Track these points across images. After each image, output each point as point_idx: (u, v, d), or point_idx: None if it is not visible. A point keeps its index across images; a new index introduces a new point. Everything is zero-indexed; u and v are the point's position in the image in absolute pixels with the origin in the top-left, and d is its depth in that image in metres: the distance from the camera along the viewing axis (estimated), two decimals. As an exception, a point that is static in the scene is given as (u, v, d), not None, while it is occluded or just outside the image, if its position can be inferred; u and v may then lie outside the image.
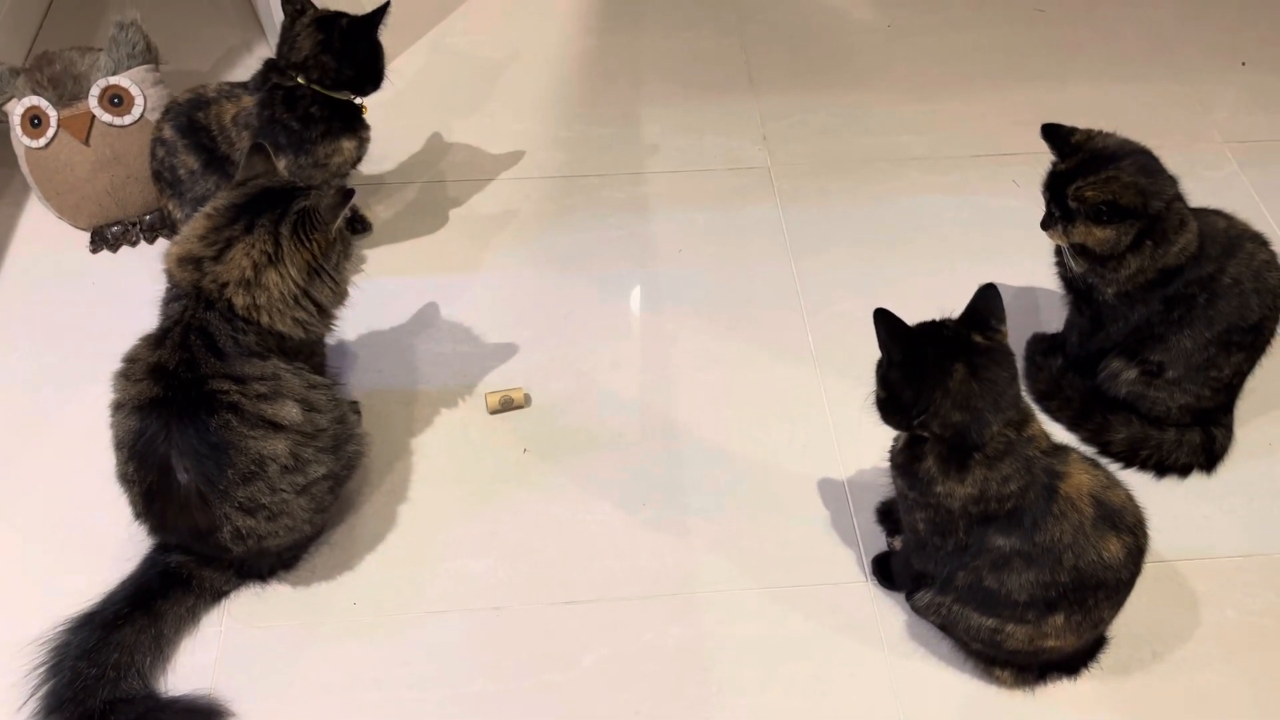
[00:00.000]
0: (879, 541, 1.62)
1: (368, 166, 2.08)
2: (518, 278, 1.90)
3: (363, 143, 1.89)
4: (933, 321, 1.29)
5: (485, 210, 2.09)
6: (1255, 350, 1.61)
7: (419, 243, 2.03)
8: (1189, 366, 1.58)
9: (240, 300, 1.43)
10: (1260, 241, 1.61)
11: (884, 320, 1.27)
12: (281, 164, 1.78)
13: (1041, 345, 1.78)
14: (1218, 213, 1.63)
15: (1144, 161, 1.53)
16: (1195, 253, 1.54)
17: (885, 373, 1.30)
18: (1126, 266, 1.54)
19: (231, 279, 1.43)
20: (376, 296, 1.87)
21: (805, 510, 1.66)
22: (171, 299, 1.48)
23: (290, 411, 1.44)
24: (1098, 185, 1.50)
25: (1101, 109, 2.31)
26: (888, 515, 1.63)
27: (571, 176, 2.15)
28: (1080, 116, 2.28)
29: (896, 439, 1.39)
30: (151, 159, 1.86)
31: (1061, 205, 1.54)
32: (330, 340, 1.61)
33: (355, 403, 1.74)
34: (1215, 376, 1.60)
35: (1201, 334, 1.56)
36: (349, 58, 1.78)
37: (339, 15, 1.81)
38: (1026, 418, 1.29)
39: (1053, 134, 1.55)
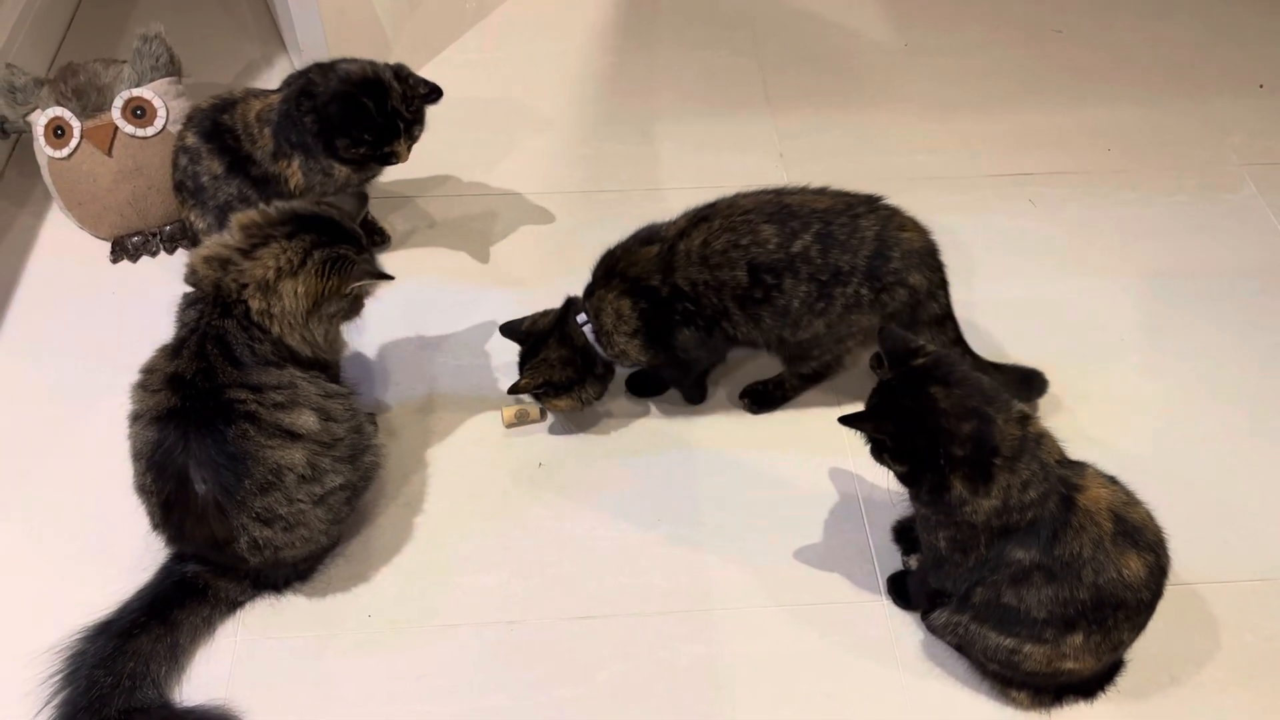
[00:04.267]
0: (894, 560, 1.61)
1: (386, 179, 2.09)
2: (535, 292, 1.90)
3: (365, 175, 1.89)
4: (882, 386, 1.33)
5: (502, 225, 2.09)
6: None
7: (437, 256, 2.04)
8: None
9: (256, 304, 1.44)
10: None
11: (861, 418, 1.32)
12: (295, 163, 1.79)
13: None
14: None
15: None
16: None
17: (894, 450, 1.32)
18: None
19: (254, 278, 1.44)
20: (394, 308, 1.87)
21: (821, 528, 1.65)
22: (187, 304, 1.49)
23: (307, 420, 1.44)
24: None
25: (1118, 131, 2.31)
26: (904, 534, 1.62)
27: (590, 192, 2.16)
28: (1097, 137, 2.30)
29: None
30: (174, 169, 1.87)
31: None
32: (346, 351, 1.63)
33: (372, 414, 1.74)
34: None
35: None
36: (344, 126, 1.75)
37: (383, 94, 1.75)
38: (1026, 415, 1.29)
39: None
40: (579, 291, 1.71)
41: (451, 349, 1.88)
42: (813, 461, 1.73)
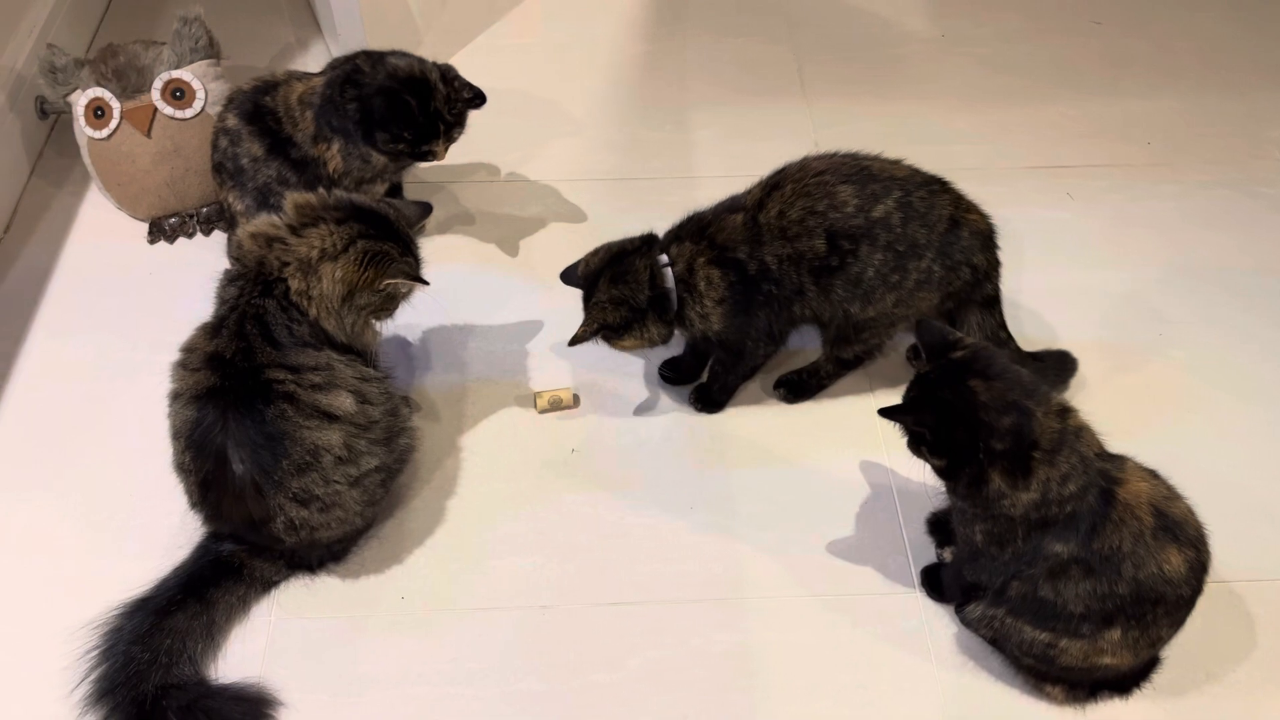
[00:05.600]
0: (928, 552, 1.60)
1: (433, 164, 2.10)
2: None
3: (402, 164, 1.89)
4: (921, 379, 1.33)
5: (534, 212, 2.09)
6: None
7: (472, 242, 2.04)
8: None
9: (295, 284, 1.45)
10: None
11: (900, 411, 1.32)
12: (334, 147, 1.80)
13: None
14: None
15: None
16: None
17: (932, 444, 1.31)
18: None
19: (298, 256, 1.45)
20: (429, 293, 1.86)
21: (854, 519, 1.64)
22: (228, 281, 1.49)
23: (345, 402, 1.45)
24: None
25: (1157, 123, 2.29)
26: (938, 526, 1.61)
27: (623, 179, 2.15)
28: (1136, 130, 2.27)
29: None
30: (214, 151, 1.88)
31: None
32: (378, 342, 1.62)
33: (407, 397, 1.74)
34: None
35: None
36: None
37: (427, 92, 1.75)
38: (1066, 408, 1.29)
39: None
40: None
41: (485, 335, 1.88)
42: (847, 452, 1.73)
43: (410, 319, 1.84)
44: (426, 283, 1.55)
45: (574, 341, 1.62)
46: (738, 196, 1.65)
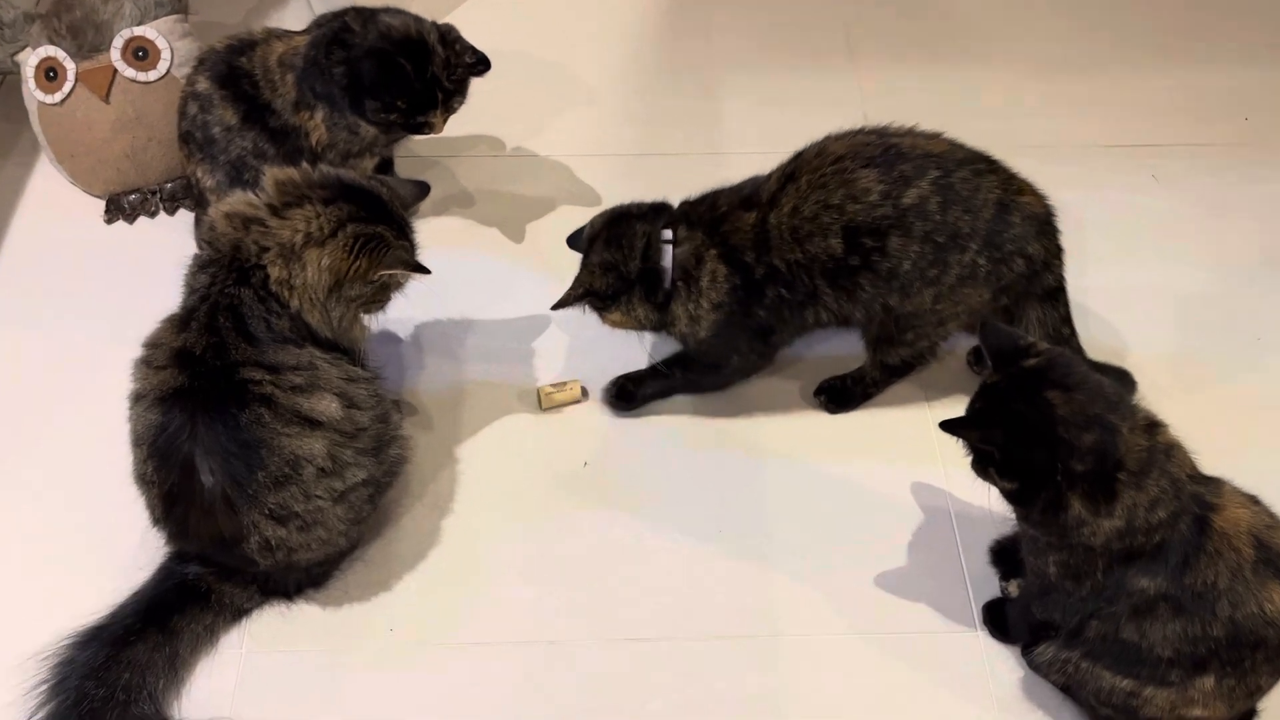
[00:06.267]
0: (991, 585, 1.59)
1: (429, 137, 2.08)
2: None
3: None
4: (988, 390, 1.32)
5: (545, 190, 2.09)
6: None
7: (471, 225, 2.04)
8: None
9: (276, 272, 1.45)
10: None
11: (966, 425, 1.32)
12: (318, 116, 1.80)
13: None
14: None
15: None
16: None
17: (1001, 464, 1.31)
18: None
19: (279, 240, 1.45)
20: (421, 284, 1.86)
21: (906, 546, 1.64)
22: (199, 268, 1.49)
23: (329, 406, 1.45)
24: None
25: (1256, 97, 2.26)
26: (1003, 556, 1.61)
27: (643, 155, 2.15)
28: (1232, 104, 2.25)
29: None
30: (181, 118, 1.88)
31: None
32: (366, 338, 1.62)
33: (398, 401, 1.75)
34: None
35: None
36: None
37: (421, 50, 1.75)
38: (1154, 421, 1.29)
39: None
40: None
41: (485, 331, 1.88)
42: (897, 469, 1.72)
43: (402, 312, 1.82)
44: (427, 271, 1.55)
45: (558, 305, 1.67)
46: (758, 182, 1.66)
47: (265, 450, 1.39)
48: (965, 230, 1.57)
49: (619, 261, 1.64)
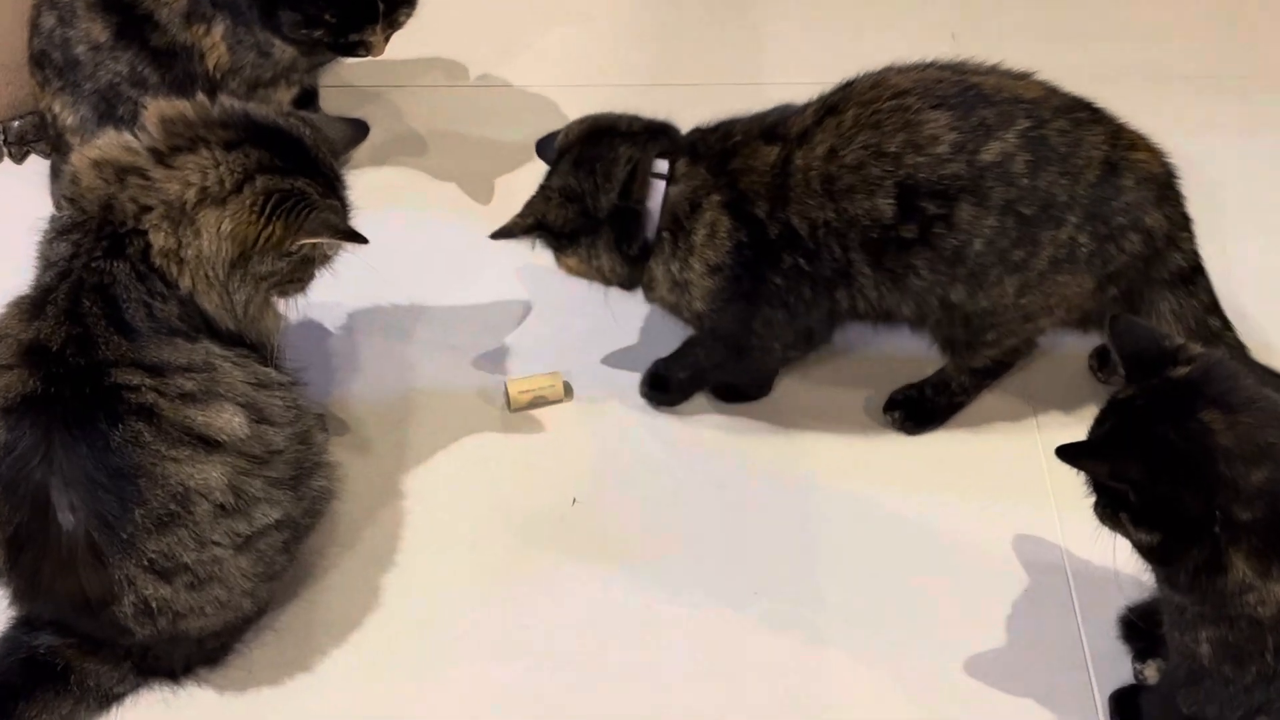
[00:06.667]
0: (1121, 667, 1.58)
1: (366, 61, 2.06)
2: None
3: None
4: (1121, 407, 1.32)
5: (521, 134, 2.05)
6: None
7: (423, 180, 2.05)
8: None
9: (161, 240, 1.44)
10: None
11: (1090, 454, 1.31)
12: (216, 32, 1.80)
13: None
14: None
15: None
16: None
17: (1138, 508, 1.29)
18: None
19: (165, 198, 1.44)
20: (357, 257, 1.84)
21: (1004, 615, 1.63)
22: (57, 234, 1.48)
23: (231, 422, 1.44)
24: None
25: None
26: (1137, 629, 1.59)
27: (652, 86, 2.16)
28: None
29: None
30: (33, 35, 1.87)
31: None
32: (279, 330, 1.62)
33: (323, 415, 1.75)
34: None
35: None
36: None
37: None
38: None
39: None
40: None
41: (441, 321, 1.89)
42: (994, 511, 1.71)
43: (330, 295, 1.80)
44: (364, 240, 1.54)
45: (499, 233, 1.68)
46: (787, 110, 1.66)
47: (145, 480, 1.38)
48: (1062, 199, 1.56)
49: (586, 192, 1.63)
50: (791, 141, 1.61)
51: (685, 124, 1.74)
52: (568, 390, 1.80)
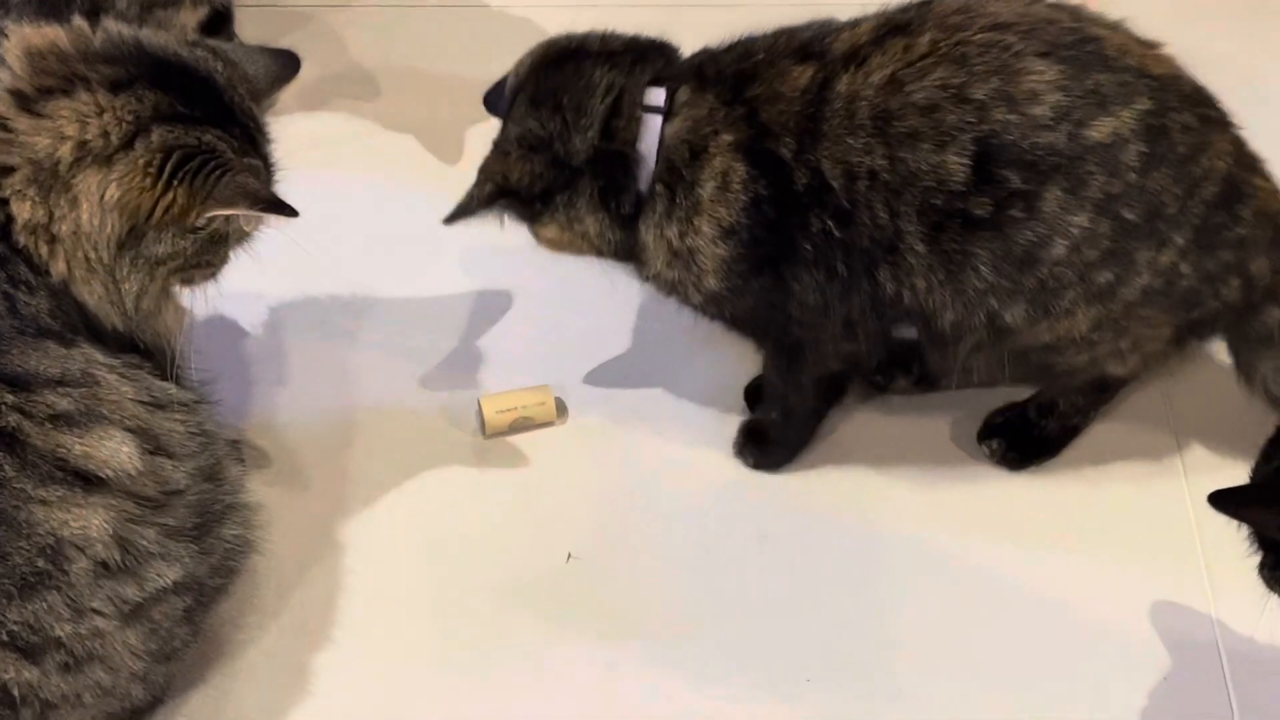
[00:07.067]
0: (1293, 779, 1.59)
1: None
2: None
3: None
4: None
5: (499, 64, 2.03)
6: None
7: (370, 131, 2.07)
8: None
9: (26, 212, 1.44)
10: None
11: (1253, 500, 1.34)
12: None
13: None
14: None
15: None
16: None
17: None
18: None
19: (31, 155, 1.43)
20: (284, 233, 1.82)
21: (1141, 706, 1.63)
22: None
23: (117, 452, 1.43)
24: None
25: None
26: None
27: (674, 6, 2.17)
28: None
29: None
30: None
31: None
32: (182, 328, 1.63)
33: (238, 442, 1.77)
34: None
35: None
36: None
37: None
38: None
39: None
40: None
41: (391, 318, 1.91)
42: (1127, 571, 1.72)
43: (249, 284, 1.80)
44: (292, 211, 1.54)
45: (452, 217, 1.69)
46: (829, 26, 1.66)
47: (3, 529, 1.37)
48: (1171, 211, 1.57)
49: (554, 134, 1.63)
50: (835, 61, 1.60)
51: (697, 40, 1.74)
52: (560, 409, 1.81)
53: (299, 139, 1.90)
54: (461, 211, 1.66)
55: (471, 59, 2.09)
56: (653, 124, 1.61)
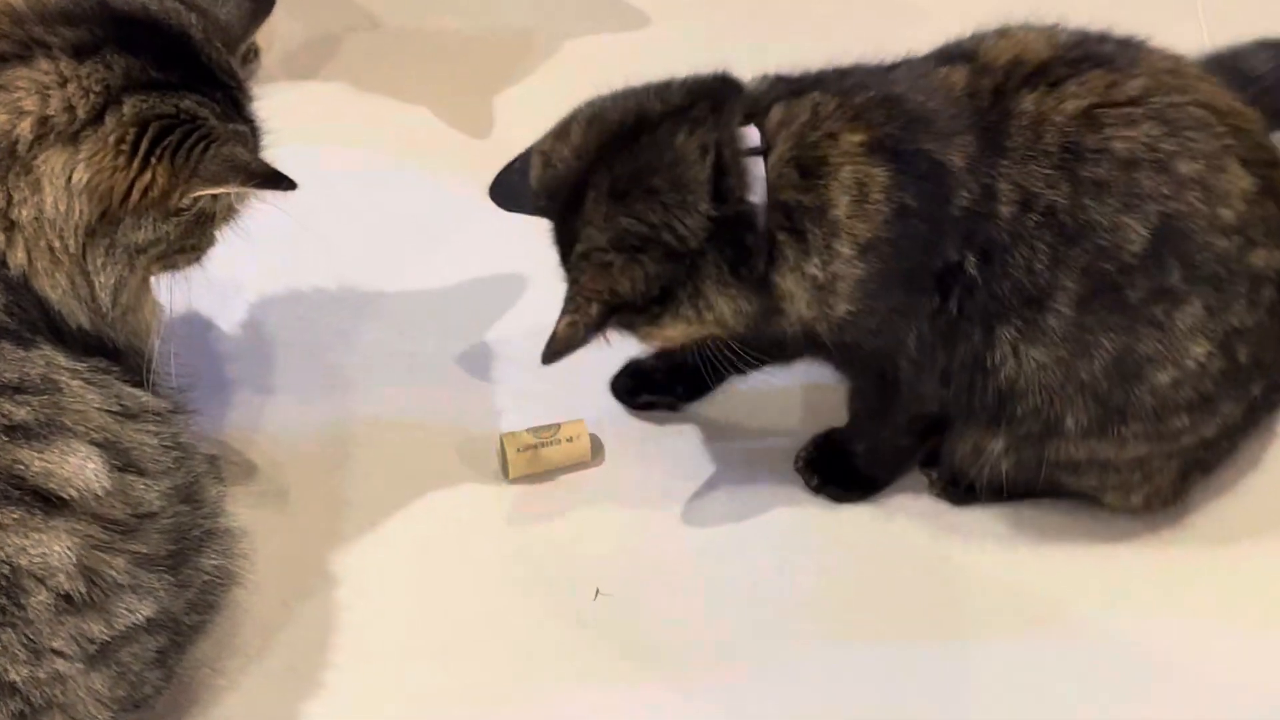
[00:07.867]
0: None
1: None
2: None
3: None
4: None
5: (529, 19, 2.06)
6: None
7: (375, 101, 2.05)
8: None
9: None
10: None
11: None
12: None
13: None
14: None
15: None
16: None
17: None
18: None
19: None
20: (278, 211, 1.78)
21: None
22: None
23: (83, 469, 1.42)
24: None
25: None
26: None
27: None
28: None
29: None
30: None
31: None
32: (159, 327, 1.64)
33: (218, 457, 1.75)
34: None
35: None
36: None
37: None
38: None
39: None
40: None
41: (399, 315, 1.89)
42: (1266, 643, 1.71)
43: (234, 273, 1.81)
44: (290, 184, 1.53)
45: (552, 354, 1.61)
46: (956, 52, 1.65)
47: (-43, 557, 1.34)
48: (1267, 359, 1.68)
49: (659, 224, 1.57)
50: (996, 70, 1.60)
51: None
52: (595, 448, 1.78)
53: (288, 108, 1.92)
54: (565, 347, 1.59)
55: (498, 9, 2.09)
56: (757, 168, 1.57)
